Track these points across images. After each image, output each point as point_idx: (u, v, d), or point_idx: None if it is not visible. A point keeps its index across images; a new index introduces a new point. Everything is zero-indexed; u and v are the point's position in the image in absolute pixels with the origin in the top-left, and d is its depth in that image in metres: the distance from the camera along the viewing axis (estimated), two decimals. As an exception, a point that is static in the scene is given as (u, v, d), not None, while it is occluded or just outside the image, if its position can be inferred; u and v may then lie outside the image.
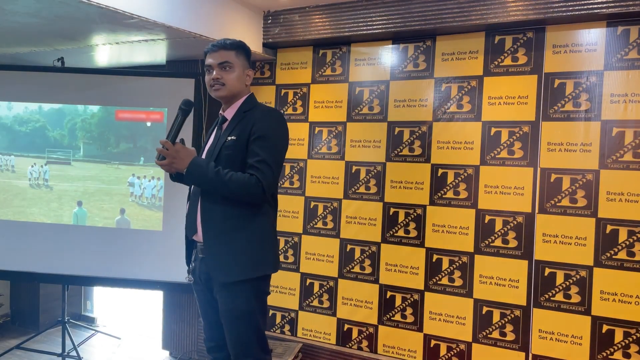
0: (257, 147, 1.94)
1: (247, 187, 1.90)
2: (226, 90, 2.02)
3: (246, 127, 1.98)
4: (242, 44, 2.07)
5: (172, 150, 1.89)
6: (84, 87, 3.35)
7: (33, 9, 2.41)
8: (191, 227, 2.05)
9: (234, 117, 2.05)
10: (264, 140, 1.96)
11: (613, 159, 2.54)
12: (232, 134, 1.99)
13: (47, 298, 4.14)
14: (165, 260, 3.32)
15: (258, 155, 1.93)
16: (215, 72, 2.01)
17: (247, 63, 2.09)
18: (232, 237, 1.98)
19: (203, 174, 1.91)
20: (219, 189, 1.93)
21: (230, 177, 1.90)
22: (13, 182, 3.44)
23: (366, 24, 2.99)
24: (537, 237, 2.70)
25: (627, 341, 2.50)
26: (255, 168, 1.92)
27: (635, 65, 2.51)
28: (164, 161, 1.91)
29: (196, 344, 3.59)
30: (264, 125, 1.97)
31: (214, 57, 2.02)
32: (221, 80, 2.01)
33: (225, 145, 1.99)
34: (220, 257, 1.98)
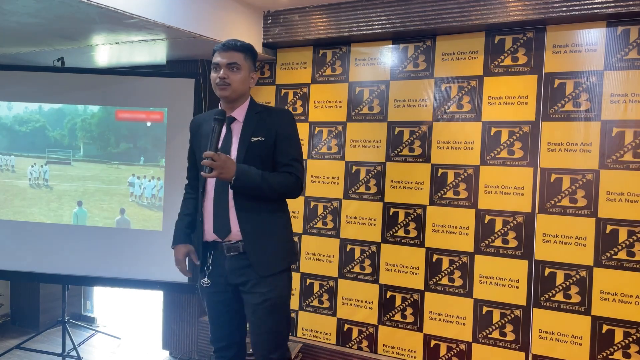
0: (287, 147, 2.09)
1: (290, 186, 2.08)
2: (230, 91, 2.06)
3: (270, 127, 2.07)
4: (251, 47, 2.13)
5: (219, 161, 1.91)
6: (84, 87, 3.35)
7: (33, 9, 2.41)
8: (223, 228, 2.07)
9: (247, 118, 2.10)
10: (291, 140, 2.12)
11: (613, 159, 2.54)
12: (257, 134, 2.06)
13: (47, 298, 4.14)
14: (165, 260, 3.31)
15: (290, 154, 2.09)
16: (222, 71, 2.04)
17: (254, 66, 2.14)
18: (270, 231, 2.10)
19: (251, 180, 1.98)
20: (265, 191, 2.02)
21: (274, 178, 2.03)
22: (13, 182, 3.44)
23: (366, 24, 2.99)
24: (537, 237, 2.70)
25: (627, 341, 2.50)
26: (290, 166, 2.08)
27: (635, 65, 2.51)
28: (213, 173, 1.92)
29: (196, 344, 3.59)
30: (288, 126, 2.13)
31: (223, 57, 2.06)
32: (227, 80, 2.04)
33: (252, 146, 2.05)
34: (263, 251, 2.07)
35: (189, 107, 3.28)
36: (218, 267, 2.12)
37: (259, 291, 2.06)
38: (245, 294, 2.10)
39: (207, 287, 2.15)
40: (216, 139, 1.96)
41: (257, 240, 2.06)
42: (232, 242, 2.07)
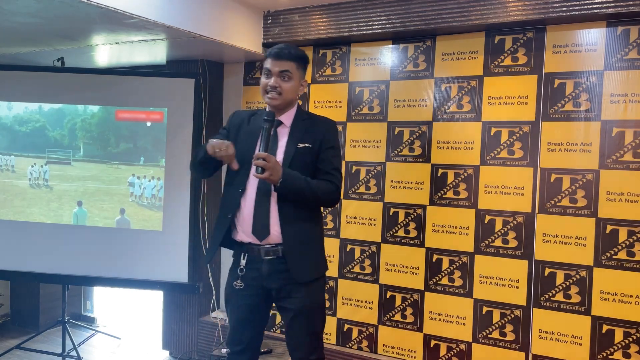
0: (331, 156, 2.12)
1: (331, 194, 2.10)
2: (281, 100, 2.08)
3: (316, 135, 2.11)
4: (305, 56, 2.14)
5: (272, 163, 1.93)
6: (84, 87, 3.35)
7: (33, 9, 2.41)
8: (263, 229, 2.06)
9: (294, 124, 2.13)
10: (334, 150, 2.15)
11: (613, 159, 2.54)
12: (304, 141, 2.09)
13: (47, 298, 4.14)
14: (165, 260, 3.32)
15: (332, 163, 2.12)
16: (273, 79, 2.06)
17: (304, 74, 2.16)
18: (309, 237, 2.13)
19: (296, 184, 2.00)
20: (308, 197, 2.04)
21: (317, 185, 2.05)
22: (13, 182, 3.44)
23: (366, 24, 2.99)
24: (537, 237, 2.70)
25: (627, 341, 2.50)
26: (332, 175, 2.10)
27: (635, 65, 2.51)
28: (265, 174, 1.93)
29: (196, 344, 3.59)
30: (333, 136, 2.17)
31: (276, 65, 2.07)
32: (279, 88, 2.06)
33: (299, 152, 2.07)
34: (302, 258, 2.08)
35: (189, 107, 3.28)
36: (253, 270, 2.09)
37: (298, 297, 2.07)
38: (282, 299, 2.10)
39: (241, 291, 2.11)
40: (267, 141, 1.99)
41: (296, 246, 2.07)
42: (271, 246, 2.06)
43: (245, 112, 2.27)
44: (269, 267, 2.07)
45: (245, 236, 2.09)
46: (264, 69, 2.10)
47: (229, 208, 2.13)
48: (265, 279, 2.09)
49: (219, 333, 3.47)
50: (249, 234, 2.07)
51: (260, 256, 2.07)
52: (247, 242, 2.10)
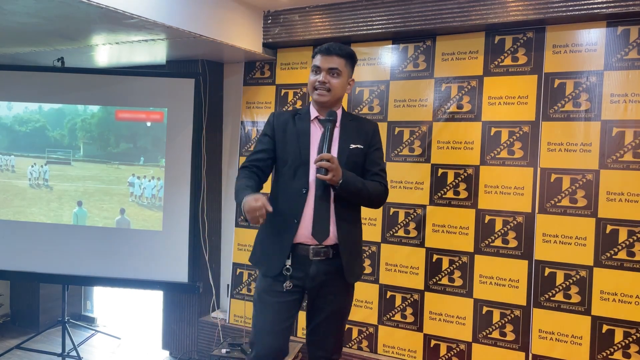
0: (377, 158, 2.15)
1: (381, 195, 2.12)
2: (330, 96, 2.06)
3: (365, 136, 2.12)
4: (353, 53, 2.13)
5: (336, 164, 1.92)
6: (84, 87, 3.35)
7: (33, 9, 2.41)
8: (323, 231, 2.04)
9: (343, 124, 2.12)
10: (380, 151, 2.19)
11: (613, 159, 2.54)
12: (356, 142, 2.09)
13: (47, 298, 4.14)
14: (165, 260, 3.32)
15: (380, 164, 2.15)
16: (322, 76, 2.05)
17: (352, 72, 2.15)
18: (357, 240, 2.16)
19: (354, 185, 2.00)
20: (363, 198, 2.06)
21: (371, 186, 2.06)
22: (13, 182, 3.44)
23: (366, 24, 2.99)
24: (537, 237, 2.70)
25: (627, 341, 2.50)
26: (380, 176, 2.12)
27: (635, 65, 2.51)
28: (329, 175, 1.91)
29: (196, 344, 3.59)
30: (379, 138, 2.20)
31: (326, 61, 2.06)
32: (327, 85, 2.05)
33: (352, 153, 2.08)
34: (353, 258, 2.10)
35: (189, 107, 3.29)
36: (298, 271, 2.05)
37: (339, 299, 2.11)
38: (320, 298, 2.09)
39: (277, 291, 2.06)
40: (329, 142, 1.97)
41: (350, 247, 2.08)
42: (321, 247, 2.04)
43: (285, 112, 2.21)
44: (316, 268, 2.05)
45: (302, 237, 2.04)
46: (312, 67, 2.09)
47: (294, 212, 2.05)
48: (309, 279, 2.06)
49: (219, 333, 3.47)
50: (307, 235, 2.03)
51: (309, 257, 2.04)
52: (297, 242, 2.05)
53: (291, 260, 2.04)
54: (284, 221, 2.05)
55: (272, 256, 2.08)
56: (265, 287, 2.11)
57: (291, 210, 2.05)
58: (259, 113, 3.49)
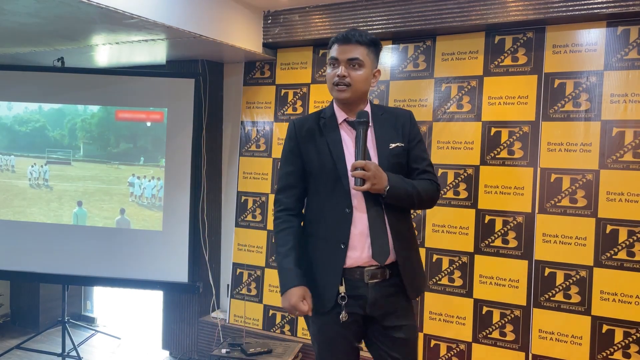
0: (421, 151, 1.87)
1: (434, 194, 1.85)
2: (350, 92, 1.78)
3: (402, 131, 1.84)
4: (377, 40, 1.83)
5: (372, 171, 1.66)
6: (84, 87, 3.35)
7: (33, 9, 2.41)
8: (384, 251, 1.75)
9: (376, 121, 1.84)
10: (422, 143, 1.90)
11: (613, 159, 2.54)
12: (394, 140, 1.82)
13: (47, 298, 4.14)
14: (165, 260, 3.32)
15: (425, 159, 1.87)
16: (341, 69, 1.76)
17: (377, 62, 1.85)
18: (413, 251, 1.86)
19: (404, 188, 1.74)
20: (415, 202, 1.78)
21: (422, 186, 1.79)
22: (13, 182, 3.44)
23: (366, 24, 2.99)
24: (537, 237, 2.70)
25: (627, 341, 2.50)
26: (429, 173, 1.85)
27: (635, 65, 2.51)
28: (366, 185, 1.66)
29: (196, 344, 3.59)
30: (417, 128, 1.90)
31: (343, 51, 1.76)
32: (347, 79, 1.76)
33: (392, 153, 1.80)
34: (413, 273, 1.83)
35: (189, 107, 3.29)
36: (355, 298, 1.77)
37: (406, 323, 1.81)
38: (388, 328, 1.80)
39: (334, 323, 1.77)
40: (364, 146, 1.70)
41: (408, 260, 1.81)
42: (375, 268, 1.76)
43: (307, 119, 1.90)
44: (375, 291, 1.76)
45: (358, 260, 1.75)
46: (330, 58, 1.80)
47: (339, 236, 1.76)
48: (369, 306, 1.77)
49: (219, 333, 3.47)
50: (362, 257, 1.75)
51: (364, 280, 1.75)
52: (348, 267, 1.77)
53: (345, 287, 1.76)
54: (329, 247, 1.78)
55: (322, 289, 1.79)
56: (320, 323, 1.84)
57: (335, 235, 1.77)
58: (259, 113, 3.49)
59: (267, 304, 3.42)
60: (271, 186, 3.42)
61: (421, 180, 1.81)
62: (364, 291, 1.76)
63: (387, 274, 1.78)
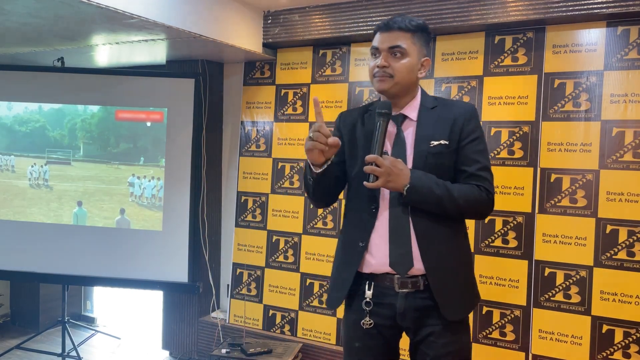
0: (474, 152, 1.64)
1: (479, 202, 1.63)
2: (392, 83, 1.62)
3: (452, 127, 1.63)
4: (423, 25, 1.66)
5: (385, 167, 1.52)
6: (84, 87, 3.35)
7: (33, 9, 2.41)
8: (404, 261, 1.60)
9: (422, 116, 1.66)
10: (479, 143, 1.65)
11: (613, 159, 2.54)
12: (437, 137, 1.62)
13: (47, 298, 4.14)
14: (165, 260, 3.32)
15: (478, 161, 1.63)
16: (382, 59, 1.62)
17: (425, 50, 1.68)
18: (455, 263, 1.65)
19: (428, 189, 1.56)
20: (446, 207, 1.58)
21: (459, 190, 1.59)
22: (13, 182, 3.44)
23: (366, 24, 2.99)
24: (537, 237, 2.70)
25: (627, 341, 2.50)
26: (480, 178, 1.63)
27: (635, 65, 2.51)
28: (378, 181, 1.53)
29: (196, 344, 3.59)
30: (475, 125, 1.66)
31: (385, 39, 1.62)
32: (388, 69, 1.61)
33: (432, 152, 1.61)
34: (450, 289, 1.62)
35: (189, 107, 3.29)
36: (383, 306, 1.64)
37: (442, 341, 1.62)
38: (422, 343, 1.65)
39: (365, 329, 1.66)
40: (381, 140, 1.56)
41: (443, 274, 1.61)
42: (409, 276, 1.61)
43: (354, 111, 1.81)
44: (406, 302, 1.61)
45: (377, 267, 1.63)
46: (371, 49, 1.67)
47: (360, 233, 1.66)
48: (400, 317, 1.63)
49: (219, 333, 3.47)
50: (385, 264, 1.62)
51: (394, 288, 1.61)
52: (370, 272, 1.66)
53: (372, 292, 1.63)
54: (349, 243, 1.69)
55: (334, 286, 1.75)
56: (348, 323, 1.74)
57: (357, 232, 1.67)
58: (259, 113, 3.49)
59: (267, 304, 3.43)
60: (271, 186, 3.42)
61: (467, 185, 1.61)
62: (394, 299, 1.62)
63: (421, 285, 1.60)
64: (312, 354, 3.24)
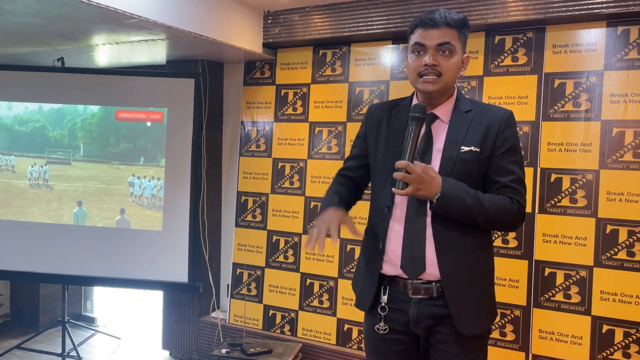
0: (509, 162, 1.56)
1: (510, 215, 1.55)
2: (441, 84, 1.53)
3: (486, 133, 1.56)
4: (466, 20, 1.57)
5: (416, 174, 1.45)
6: (84, 87, 3.35)
7: (33, 9, 2.41)
8: (415, 264, 1.56)
9: (455, 118, 1.59)
10: (514, 153, 1.58)
11: (613, 159, 2.54)
12: (469, 142, 1.55)
13: (47, 298, 4.14)
14: (165, 260, 3.32)
15: (513, 172, 1.56)
16: (430, 57, 1.51)
17: (465, 47, 1.59)
18: (475, 274, 1.59)
19: (459, 200, 1.49)
20: (476, 218, 1.52)
21: (491, 201, 1.52)
22: (13, 182, 3.44)
23: (366, 24, 2.99)
24: (537, 237, 2.70)
25: (627, 341, 2.50)
26: (513, 189, 1.55)
27: (635, 65, 2.51)
28: (408, 189, 1.46)
29: (196, 344, 3.59)
30: (511, 133, 1.58)
31: (433, 36, 1.51)
32: (438, 68, 1.52)
33: (462, 158, 1.54)
34: (467, 301, 1.56)
35: (189, 107, 3.29)
36: (397, 312, 1.61)
37: (455, 352, 1.56)
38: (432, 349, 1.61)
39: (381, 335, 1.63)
40: (413, 145, 1.49)
41: (460, 285, 1.55)
42: (422, 282, 1.57)
43: (384, 105, 1.73)
44: (417, 309, 1.57)
45: (390, 268, 1.60)
46: (413, 45, 1.55)
47: (378, 234, 1.64)
48: (413, 324, 1.59)
49: (219, 333, 3.47)
50: (396, 266, 1.59)
51: (407, 294, 1.58)
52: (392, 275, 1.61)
53: (387, 297, 1.61)
54: (371, 243, 1.67)
55: (363, 286, 1.70)
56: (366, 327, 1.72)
57: (377, 231, 1.64)
58: (259, 113, 3.49)
59: (267, 304, 3.43)
60: (271, 186, 3.42)
61: (499, 196, 1.54)
62: (406, 306, 1.59)
63: (434, 292, 1.55)
64: (312, 354, 3.24)
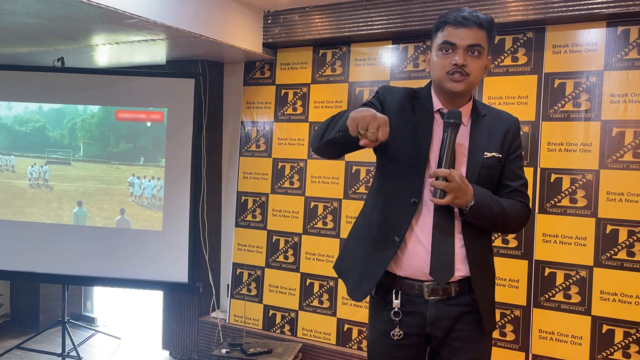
0: (518, 167, 1.62)
1: (522, 219, 1.61)
2: (467, 84, 1.51)
3: (504, 140, 1.58)
4: (494, 22, 1.55)
5: (456, 182, 1.43)
6: (84, 87, 3.35)
7: (33, 9, 2.41)
8: (446, 269, 1.52)
9: (474, 123, 1.58)
10: (521, 159, 1.65)
11: (613, 159, 2.54)
12: (491, 148, 1.55)
13: (47, 298, 4.14)
14: (165, 260, 3.32)
15: (521, 177, 1.62)
16: (461, 57, 1.48)
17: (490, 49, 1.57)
18: (491, 275, 1.64)
19: (489, 209, 1.50)
20: (499, 224, 1.56)
21: (511, 208, 1.56)
22: (13, 182, 3.44)
23: (366, 24, 2.99)
24: (537, 237, 2.70)
25: (627, 341, 2.50)
26: (521, 194, 1.61)
27: (635, 65, 2.51)
28: (447, 198, 1.44)
29: (196, 344, 3.59)
30: (520, 140, 1.63)
31: (465, 36, 1.48)
32: (467, 68, 1.49)
33: (485, 164, 1.54)
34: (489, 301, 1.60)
35: (189, 107, 3.29)
36: (412, 315, 1.56)
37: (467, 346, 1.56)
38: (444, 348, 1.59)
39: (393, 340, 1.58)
40: (451, 153, 1.46)
41: (484, 287, 1.57)
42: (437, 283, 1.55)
43: (400, 90, 1.63)
44: (436, 310, 1.54)
45: (414, 271, 1.54)
46: (442, 43, 1.51)
47: (396, 225, 1.54)
48: (430, 325, 1.56)
49: (219, 333, 3.47)
50: (422, 271, 1.52)
51: (423, 296, 1.54)
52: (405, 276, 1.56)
53: (400, 301, 1.55)
54: (382, 234, 1.57)
55: (359, 277, 1.62)
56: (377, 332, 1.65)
57: (393, 223, 1.55)
58: (259, 113, 3.49)
59: (267, 304, 3.43)
60: (271, 186, 3.42)
61: (512, 201, 1.57)
62: (424, 308, 1.55)
63: (452, 291, 1.54)
64: (312, 354, 3.24)
